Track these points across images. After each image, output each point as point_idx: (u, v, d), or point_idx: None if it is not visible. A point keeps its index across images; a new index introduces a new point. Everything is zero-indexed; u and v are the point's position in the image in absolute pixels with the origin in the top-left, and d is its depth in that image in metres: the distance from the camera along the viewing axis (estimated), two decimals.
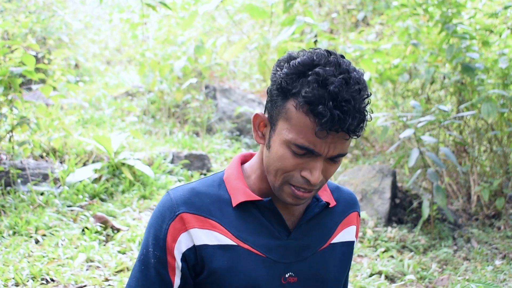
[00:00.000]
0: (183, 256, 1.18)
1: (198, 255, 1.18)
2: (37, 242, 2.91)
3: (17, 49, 3.55)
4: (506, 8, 4.31)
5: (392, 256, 3.51)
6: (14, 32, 5.62)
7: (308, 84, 1.06)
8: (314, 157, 1.11)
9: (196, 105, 6.00)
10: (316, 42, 4.29)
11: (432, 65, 4.60)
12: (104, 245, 2.99)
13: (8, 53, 3.57)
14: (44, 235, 2.98)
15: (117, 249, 2.92)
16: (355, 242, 1.38)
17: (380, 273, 3.17)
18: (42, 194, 3.44)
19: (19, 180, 3.47)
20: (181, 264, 1.19)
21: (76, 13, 8.94)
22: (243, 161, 1.31)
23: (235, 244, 1.19)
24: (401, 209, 4.30)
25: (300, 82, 1.08)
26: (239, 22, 6.85)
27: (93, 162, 3.97)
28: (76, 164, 3.84)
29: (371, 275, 3.14)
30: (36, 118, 3.89)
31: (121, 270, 2.69)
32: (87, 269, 2.66)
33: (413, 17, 4.73)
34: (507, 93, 4.24)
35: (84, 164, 3.93)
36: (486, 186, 4.36)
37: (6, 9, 5.99)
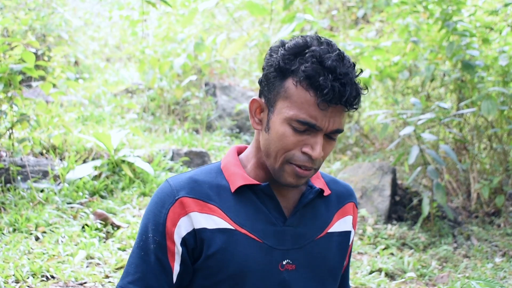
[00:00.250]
0: (183, 241, 1.19)
1: (198, 239, 1.19)
2: (37, 239, 2.91)
3: (17, 46, 3.54)
4: (506, 6, 4.31)
5: (392, 254, 3.52)
6: (14, 29, 5.61)
7: (306, 61, 1.13)
8: (315, 133, 1.15)
9: (196, 102, 6.00)
10: None
11: (432, 63, 4.60)
12: (104, 242, 2.99)
13: (8, 50, 3.56)
14: (44, 232, 2.97)
15: (117, 246, 2.92)
16: (353, 233, 1.39)
17: (380, 271, 3.18)
18: (42, 191, 3.44)
19: (19, 177, 3.47)
20: (181, 249, 1.19)
21: (76, 10, 8.91)
22: (239, 152, 1.33)
23: (233, 228, 1.20)
24: (401, 207, 4.31)
25: (298, 60, 1.14)
26: (239, 19, 6.83)
27: (93, 159, 3.96)
28: (76, 161, 3.83)
29: (371, 273, 3.14)
30: (36, 115, 3.88)
31: (121, 267, 2.69)
32: (87, 266, 2.66)
33: (413, 15, 4.73)
34: (507, 91, 4.25)
35: (84, 161, 3.93)
36: (486, 184, 4.36)
37: (6, 6, 5.98)
